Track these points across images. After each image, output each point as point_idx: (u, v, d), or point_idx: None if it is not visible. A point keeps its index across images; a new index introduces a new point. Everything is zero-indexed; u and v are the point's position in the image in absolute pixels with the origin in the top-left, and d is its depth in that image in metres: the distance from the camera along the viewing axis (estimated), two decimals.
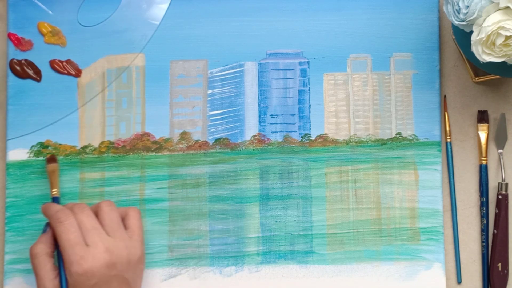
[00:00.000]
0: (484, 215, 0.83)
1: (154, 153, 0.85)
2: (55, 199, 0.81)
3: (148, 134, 0.85)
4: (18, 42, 0.85)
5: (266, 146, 0.85)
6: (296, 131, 0.85)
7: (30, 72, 0.85)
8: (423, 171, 0.84)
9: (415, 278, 0.83)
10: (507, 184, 0.83)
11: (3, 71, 0.86)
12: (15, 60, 0.85)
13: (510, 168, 0.85)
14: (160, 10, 0.86)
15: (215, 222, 0.84)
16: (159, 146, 0.85)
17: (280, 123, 0.85)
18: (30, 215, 0.83)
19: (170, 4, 0.86)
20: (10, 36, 0.85)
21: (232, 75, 0.85)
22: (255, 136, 0.85)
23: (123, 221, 0.79)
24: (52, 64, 0.85)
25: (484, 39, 0.70)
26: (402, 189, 0.84)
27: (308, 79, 0.85)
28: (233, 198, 0.84)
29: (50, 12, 0.86)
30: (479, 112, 0.85)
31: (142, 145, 0.85)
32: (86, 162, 0.84)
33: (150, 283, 0.83)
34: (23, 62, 0.85)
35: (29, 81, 0.85)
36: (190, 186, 0.84)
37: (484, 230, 0.83)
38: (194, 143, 0.85)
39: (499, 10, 0.69)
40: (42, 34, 0.85)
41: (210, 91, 0.85)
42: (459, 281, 0.83)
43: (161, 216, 0.84)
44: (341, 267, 0.83)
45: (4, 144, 0.85)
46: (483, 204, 0.83)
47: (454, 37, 0.83)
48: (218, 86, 0.86)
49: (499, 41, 0.69)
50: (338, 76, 0.85)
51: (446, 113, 0.85)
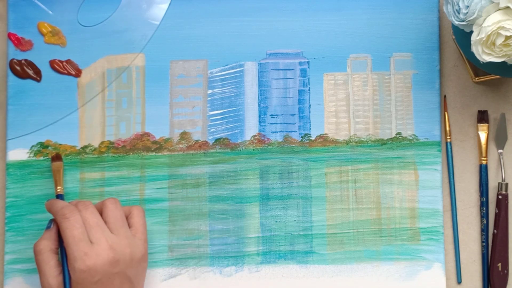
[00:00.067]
0: (484, 215, 0.83)
1: (154, 153, 0.84)
2: (59, 197, 0.81)
3: (148, 134, 0.85)
4: (18, 42, 0.85)
5: (266, 146, 0.85)
6: (296, 131, 0.85)
7: (30, 72, 0.85)
8: (423, 171, 0.84)
9: (415, 278, 0.82)
10: (507, 184, 0.83)
11: (3, 71, 0.86)
12: (15, 60, 0.85)
13: (510, 168, 0.85)
14: (160, 10, 0.86)
15: (215, 222, 0.84)
16: (159, 146, 0.85)
17: (280, 123, 0.85)
18: (30, 215, 0.83)
19: (170, 4, 0.86)
20: (10, 36, 0.85)
21: (232, 75, 0.85)
22: (255, 136, 0.85)
23: (127, 219, 0.79)
24: (52, 64, 0.85)
25: (484, 39, 0.70)
26: (402, 189, 0.84)
27: (308, 79, 0.85)
28: (233, 198, 0.84)
29: (50, 12, 0.86)
30: (479, 112, 0.85)
31: (142, 145, 0.85)
32: (86, 162, 0.84)
33: (150, 283, 0.83)
34: (23, 62, 0.85)
35: (29, 81, 0.85)
36: (190, 186, 0.84)
37: (484, 230, 0.83)
38: (194, 143, 0.85)
39: (499, 10, 0.69)
40: (42, 34, 0.85)
41: (210, 91, 0.85)
42: (459, 281, 0.83)
43: (161, 216, 0.84)
44: (341, 267, 0.83)
45: (4, 144, 0.85)
46: (483, 204, 0.83)
47: (454, 37, 0.83)
48: (218, 86, 0.85)
49: (499, 41, 0.69)
50: (338, 76, 0.85)
51: (446, 113, 0.85)
